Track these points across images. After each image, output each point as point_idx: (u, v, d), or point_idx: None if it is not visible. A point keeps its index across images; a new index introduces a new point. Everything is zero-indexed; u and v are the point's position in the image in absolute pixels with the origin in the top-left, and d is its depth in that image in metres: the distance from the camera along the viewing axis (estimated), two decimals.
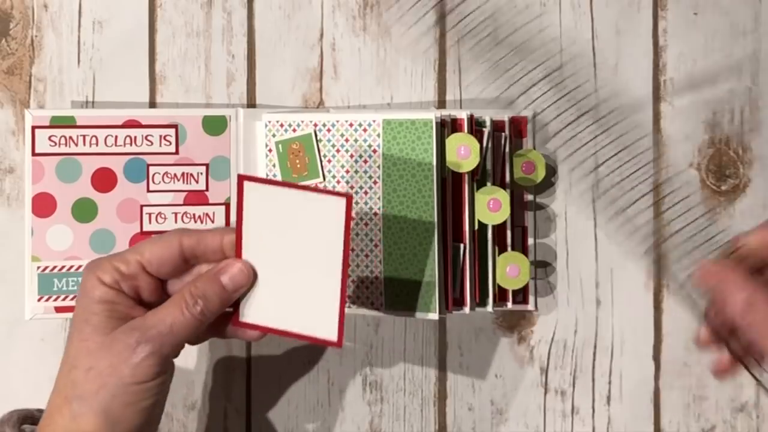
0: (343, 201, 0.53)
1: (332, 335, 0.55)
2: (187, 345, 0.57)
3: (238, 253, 0.55)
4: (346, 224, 0.53)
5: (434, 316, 0.62)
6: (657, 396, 0.69)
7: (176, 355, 0.55)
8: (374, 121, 0.63)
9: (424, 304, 0.62)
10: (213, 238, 0.55)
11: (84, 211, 0.65)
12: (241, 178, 0.54)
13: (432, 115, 0.62)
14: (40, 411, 0.58)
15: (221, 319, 0.56)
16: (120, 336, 0.53)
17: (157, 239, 0.55)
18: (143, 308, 0.55)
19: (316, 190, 0.54)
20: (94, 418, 0.52)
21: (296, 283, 0.55)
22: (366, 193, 0.64)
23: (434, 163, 0.62)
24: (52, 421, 0.53)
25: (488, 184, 0.65)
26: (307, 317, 0.55)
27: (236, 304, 0.56)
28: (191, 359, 0.68)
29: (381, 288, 0.63)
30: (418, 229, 0.62)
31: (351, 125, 0.64)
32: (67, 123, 0.65)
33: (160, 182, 0.66)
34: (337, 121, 0.64)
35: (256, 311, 0.56)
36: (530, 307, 0.68)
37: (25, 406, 0.58)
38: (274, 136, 0.65)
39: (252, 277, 0.55)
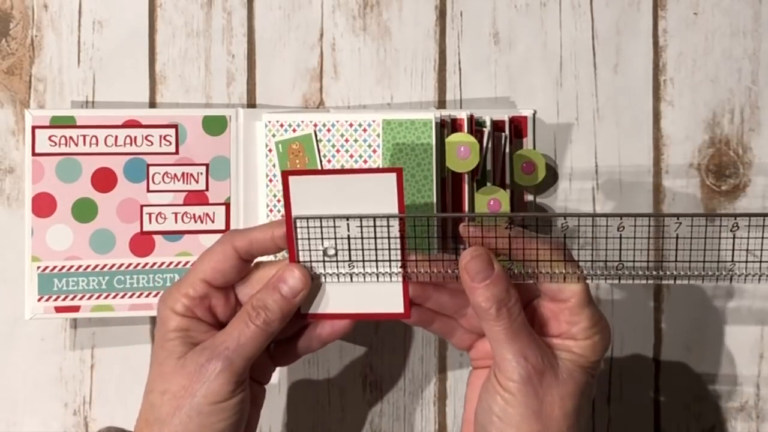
0: (393, 176, 0.52)
1: (399, 308, 0.55)
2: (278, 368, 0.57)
3: (291, 254, 0.55)
4: (400, 198, 0.53)
5: None
6: (657, 396, 0.69)
7: (266, 377, 0.57)
8: (374, 121, 0.63)
9: None
10: (264, 235, 0.55)
11: (84, 211, 0.65)
12: (285, 174, 0.53)
13: (432, 115, 0.62)
14: None
15: (299, 333, 0.57)
16: (191, 356, 0.53)
17: (211, 253, 0.55)
18: (218, 330, 0.55)
19: (362, 171, 0.53)
20: None
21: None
22: None
23: (434, 163, 0.62)
24: None
25: (488, 184, 0.65)
26: (371, 295, 0.55)
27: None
28: None
29: None
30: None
31: (351, 125, 0.64)
32: (67, 123, 0.65)
33: (160, 182, 0.66)
34: (337, 121, 0.64)
35: (319, 302, 0.56)
36: None
37: (119, 426, 0.59)
38: (274, 136, 0.65)
39: (309, 281, 0.55)
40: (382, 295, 0.55)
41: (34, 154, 0.65)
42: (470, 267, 0.53)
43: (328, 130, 0.64)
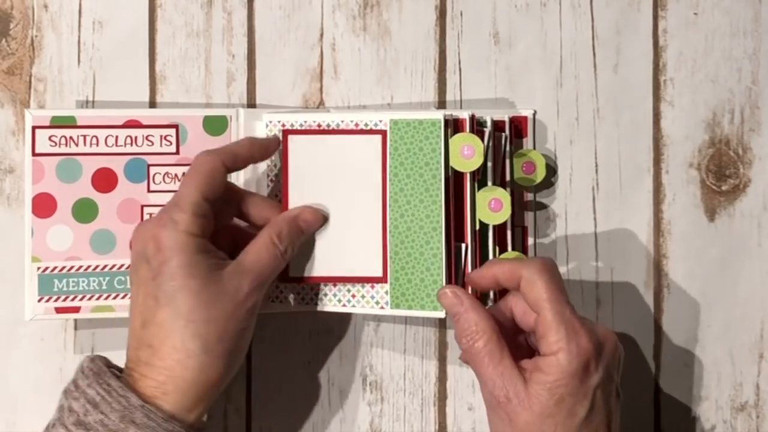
0: (379, 137, 0.58)
1: (378, 271, 0.62)
2: None
3: (285, 203, 0.62)
4: (383, 161, 0.59)
5: (441, 314, 0.62)
6: (657, 396, 0.69)
7: None
8: (381, 120, 0.63)
9: (431, 303, 0.62)
10: (245, 152, 0.61)
11: (84, 211, 0.65)
12: (286, 132, 0.62)
13: (440, 115, 0.62)
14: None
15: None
16: (229, 282, 0.56)
17: (204, 171, 0.58)
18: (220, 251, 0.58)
19: (352, 131, 0.61)
20: (222, 363, 0.56)
21: (339, 228, 0.62)
22: None
23: (442, 163, 0.62)
24: (173, 373, 0.55)
25: (489, 183, 0.65)
26: (351, 258, 0.62)
27: None
28: None
29: (387, 287, 0.63)
30: (425, 228, 0.62)
31: (357, 125, 0.64)
32: (67, 123, 0.65)
33: (160, 182, 0.66)
34: (342, 121, 0.64)
35: (307, 266, 0.62)
36: None
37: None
38: (274, 136, 0.65)
39: (322, 219, 0.61)
40: (361, 257, 0.61)
41: (34, 154, 0.65)
42: (443, 303, 0.59)
43: None
